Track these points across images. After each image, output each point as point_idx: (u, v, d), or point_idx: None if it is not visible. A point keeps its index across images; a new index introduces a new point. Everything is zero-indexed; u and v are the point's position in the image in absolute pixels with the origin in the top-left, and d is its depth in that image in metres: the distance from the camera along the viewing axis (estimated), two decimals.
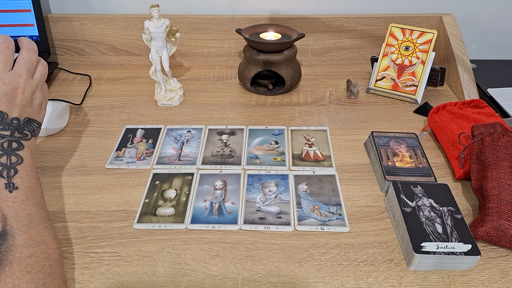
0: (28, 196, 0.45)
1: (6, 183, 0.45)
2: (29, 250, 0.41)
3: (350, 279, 0.47)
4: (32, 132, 0.51)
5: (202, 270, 0.48)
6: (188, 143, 0.70)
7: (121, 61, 0.97)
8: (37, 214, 0.45)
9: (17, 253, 0.40)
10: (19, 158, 0.48)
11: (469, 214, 0.56)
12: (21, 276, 0.38)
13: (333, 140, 0.71)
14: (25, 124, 0.50)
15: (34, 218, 0.44)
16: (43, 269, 0.40)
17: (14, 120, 0.49)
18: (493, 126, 0.59)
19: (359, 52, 0.97)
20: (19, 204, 0.44)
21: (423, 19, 0.94)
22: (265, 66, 0.80)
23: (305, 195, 0.59)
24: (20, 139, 0.49)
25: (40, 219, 0.45)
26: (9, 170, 0.46)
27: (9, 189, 0.45)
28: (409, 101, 0.82)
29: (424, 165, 0.61)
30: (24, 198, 0.45)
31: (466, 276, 0.48)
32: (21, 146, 0.49)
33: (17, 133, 0.49)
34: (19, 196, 0.45)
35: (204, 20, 0.92)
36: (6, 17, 0.87)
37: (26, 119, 0.51)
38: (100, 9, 0.95)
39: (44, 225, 0.45)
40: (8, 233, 0.41)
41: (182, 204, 0.57)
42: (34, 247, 0.41)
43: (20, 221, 0.43)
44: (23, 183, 0.46)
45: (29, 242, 0.42)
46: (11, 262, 0.39)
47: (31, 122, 0.52)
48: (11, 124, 0.49)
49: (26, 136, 0.50)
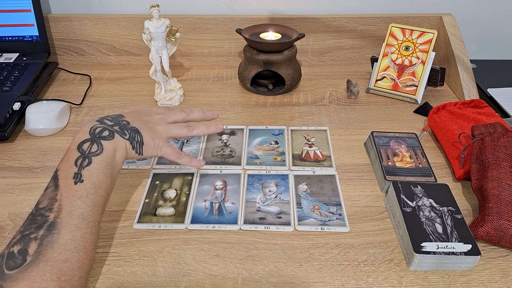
0: (89, 193, 0.43)
1: (75, 172, 0.43)
2: (67, 254, 0.39)
3: (350, 279, 0.47)
4: (131, 138, 0.49)
5: (202, 270, 0.48)
6: (188, 143, 0.70)
7: (121, 61, 0.97)
8: (90, 216, 0.42)
9: (55, 253, 0.38)
10: (100, 148, 0.46)
11: (469, 214, 0.56)
12: (50, 280, 0.36)
13: (333, 140, 0.70)
14: (130, 129, 0.49)
15: (85, 220, 0.41)
16: (72, 279, 0.38)
17: (124, 120, 0.50)
18: (493, 126, 0.59)
19: (359, 52, 0.97)
20: (77, 199, 0.42)
21: (423, 19, 0.94)
22: (265, 66, 0.80)
23: (305, 195, 0.59)
24: (116, 132, 0.48)
25: (90, 222, 0.42)
26: (84, 159, 0.44)
27: (75, 180, 0.43)
28: (409, 101, 0.82)
29: (424, 165, 0.61)
30: (84, 194, 0.42)
31: (466, 276, 0.48)
32: (111, 136, 0.47)
33: (118, 127, 0.48)
34: (80, 190, 0.42)
35: (204, 20, 0.92)
36: (6, 17, 0.87)
37: (134, 128, 0.50)
38: (100, 9, 0.95)
39: (91, 230, 0.42)
40: (56, 227, 0.39)
41: (182, 204, 0.57)
42: (73, 252, 0.39)
43: (71, 219, 0.40)
44: (90, 177, 0.44)
45: (71, 246, 0.39)
46: (47, 261, 0.37)
47: (137, 133, 0.50)
48: (118, 119, 0.49)
49: (124, 135, 0.48)
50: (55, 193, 0.42)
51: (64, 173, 0.43)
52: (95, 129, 0.47)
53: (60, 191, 0.42)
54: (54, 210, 0.40)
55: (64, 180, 0.43)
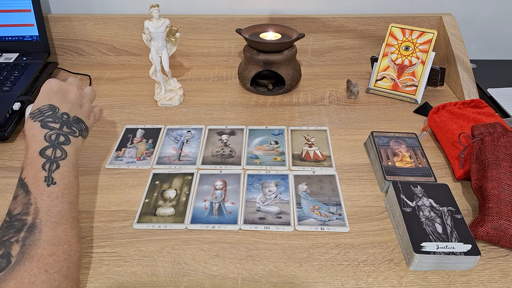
0: (64, 193, 0.46)
1: (46, 176, 0.45)
2: (52, 248, 0.41)
3: (350, 279, 0.47)
4: (80, 131, 0.53)
5: (202, 270, 0.48)
6: (188, 143, 0.70)
7: (121, 61, 0.97)
8: (67, 212, 0.45)
9: (39, 249, 0.40)
10: (64, 153, 0.49)
11: (469, 214, 0.56)
12: (38, 274, 0.38)
13: (333, 140, 0.70)
14: (74, 122, 0.53)
15: (64, 216, 0.44)
16: (61, 270, 0.40)
17: (64, 115, 0.52)
18: (493, 126, 0.59)
19: (359, 52, 0.97)
20: (53, 199, 0.44)
21: (423, 19, 0.94)
22: (265, 66, 0.80)
23: (305, 195, 0.59)
24: (68, 134, 0.51)
25: (69, 218, 0.45)
26: (51, 164, 0.47)
27: (48, 182, 0.45)
28: (409, 101, 0.82)
29: (424, 165, 0.61)
30: (59, 194, 0.45)
31: (466, 276, 0.48)
32: (68, 141, 0.50)
33: (66, 128, 0.51)
34: (55, 191, 0.45)
35: (204, 20, 0.92)
36: (6, 17, 0.87)
37: (75, 117, 0.53)
38: (100, 9, 0.95)
39: (71, 225, 0.44)
40: (37, 227, 0.41)
41: (182, 204, 0.57)
42: (57, 246, 0.41)
43: (50, 217, 0.43)
44: (62, 179, 0.46)
45: (54, 240, 0.41)
46: (32, 257, 0.39)
47: (80, 122, 0.54)
48: (61, 118, 0.51)
49: (74, 133, 0.52)
50: (28, 198, 0.43)
51: (33, 179, 0.45)
52: (50, 136, 0.49)
53: (33, 195, 0.44)
54: (31, 213, 0.42)
55: (35, 185, 0.45)
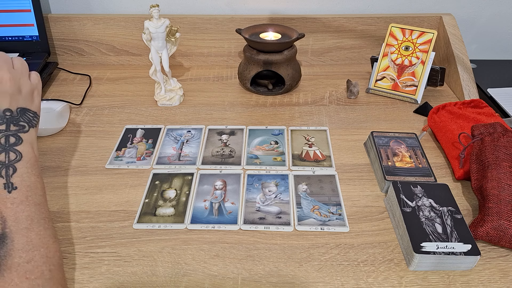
0: (28, 196, 0.43)
1: (4, 183, 0.43)
2: (28, 254, 0.39)
3: (350, 279, 0.47)
4: (28, 122, 0.48)
5: (202, 270, 0.48)
6: (188, 143, 0.70)
7: (121, 61, 0.97)
8: (37, 215, 0.43)
9: (16, 258, 0.39)
10: (18, 154, 0.45)
11: (469, 214, 0.56)
12: (19, 283, 0.37)
13: (333, 140, 0.71)
14: (19, 115, 0.48)
15: (34, 220, 0.42)
16: (43, 274, 0.39)
17: (6, 112, 0.47)
18: (493, 126, 0.59)
19: (359, 52, 0.97)
20: (18, 205, 0.42)
21: (423, 19, 0.94)
22: (265, 66, 0.80)
23: (305, 195, 0.59)
24: (18, 132, 0.47)
25: (40, 220, 0.43)
26: (7, 168, 0.44)
27: (8, 189, 0.43)
28: (409, 101, 0.82)
29: (424, 165, 0.61)
30: (24, 198, 0.43)
31: (466, 276, 0.48)
32: (20, 140, 0.46)
33: (13, 125, 0.47)
34: (18, 196, 0.43)
35: (204, 20, 0.92)
36: (6, 17, 0.87)
37: (19, 109, 0.48)
38: (100, 9, 0.95)
39: (44, 227, 0.43)
40: (7, 236, 0.40)
41: (182, 204, 0.57)
42: (33, 251, 0.40)
43: (20, 224, 0.41)
44: (22, 182, 0.44)
45: (29, 246, 0.40)
46: (10, 268, 0.38)
47: (25, 112, 0.49)
48: (4, 117, 0.46)
49: (24, 128, 0.47)
50: None
51: None
52: None
53: None
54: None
55: None
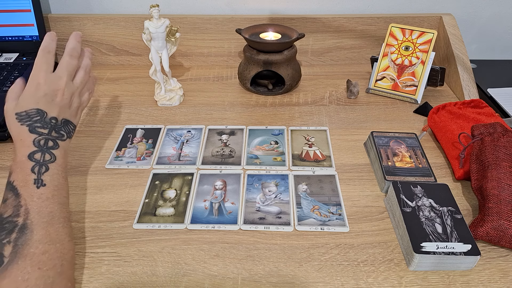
0: (54, 194, 0.46)
1: (35, 178, 0.46)
2: (44, 246, 0.41)
3: (350, 279, 0.47)
4: (68, 133, 0.53)
5: (202, 270, 0.48)
6: (188, 143, 0.70)
7: (121, 61, 0.97)
8: (58, 213, 0.45)
9: (32, 248, 0.40)
10: (53, 156, 0.49)
11: (469, 214, 0.56)
12: (31, 271, 0.39)
13: (333, 140, 0.71)
14: (62, 125, 0.53)
15: (55, 217, 0.45)
16: (55, 267, 0.41)
17: (52, 120, 0.51)
18: (493, 126, 0.59)
19: (359, 52, 0.97)
20: (44, 201, 0.45)
21: (423, 19, 0.94)
22: (265, 66, 0.80)
23: (305, 195, 0.59)
24: (57, 138, 0.51)
25: (60, 218, 0.45)
26: (41, 166, 0.47)
27: (37, 185, 0.46)
28: (409, 101, 0.82)
29: (424, 165, 0.61)
30: (50, 195, 0.46)
31: (466, 276, 0.48)
32: (57, 145, 0.50)
33: (54, 132, 0.51)
34: (45, 193, 0.45)
35: (204, 20, 0.92)
36: (6, 17, 0.87)
37: (63, 120, 0.53)
38: (100, 9, 0.95)
39: (63, 225, 0.45)
40: (28, 227, 0.42)
41: (182, 204, 0.57)
42: (50, 245, 0.42)
43: (41, 218, 0.43)
44: (52, 181, 0.47)
45: (46, 239, 0.42)
46: (25, 256, 0.39)
47: (68, 123, 0.54)
48: (49, 123, 0.51)
49: (62, 137, 0.52)
50: (18, 201, 0.44)
51: (22, 182, 0.45)
52: (39, 141, 0.49)
53: (23, 197, 0.44)
54: (21, 214, 0.43)
55: (25, 188, 0.45)
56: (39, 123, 0.50)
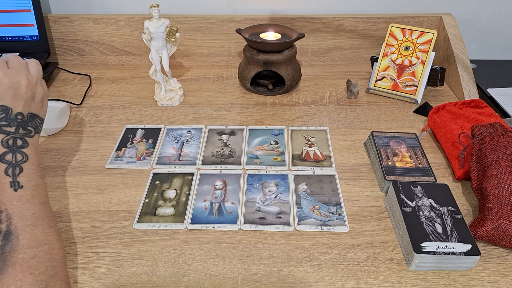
0: (33, 195, 0.45)
1: (11, 181, 0.44)
2: (33, 251, 0.40)
3: (350, 279, 0.47)
4: (35, 128, 0.51)
5: (202, 270, 0.48)
6: (188, 143, 0.70)
7: (121, 61, 0.97)
8: (41, 213, 0.44)
9: (20, 254, 0.39)
10: (24, 156, 0.47)
11: (469, 214, 0.56)
12: (24, 278, 0.38)
13: (333, 140, 0.70)
14: (28, 120, 0.50)
15: (39, 218, 0.43)
16: (46, 270, 0.40)
17: (18, 116, 0.49)
18: (493, 126, 0.59)
19: (359, 52, 0.97)
20: (24, 203, 0.44)
21: (423, 19, 0.94)
22: (265, 66, 0.80)
23: (305, 195, 0.59)
24: (25, 135, 0.49)
25: (44, 218, 0.44)
26: (14, 168, 0.45)
27: (14, 187, 0.44)
28: (409, 101, 0.82)
29: (424, 165, 0.61)
30: (29, 197, 0.44)
31: (466, 276, 0.48)
32: (26, 143, 0.48)
33: (22, 129, 0.49)
34: (24, 195, 0.44)
35: (204, 20, 0.92)
36: (6, 17, 0.87)
37: (29, 115, 0.50)
38: (100, 9, 0.95)
39: (48, 225, 0.44)
40: (13, 233, 0.41)
41: (182, 204, 0.57)
42: (38, 248, 0.41)
43: (25, 221, 0.42)
44: (29, 181, 0.45)
45: (33, 243, 0.41)
46: (15, 264, 0.39)
47: (35, 117, 0.51)
48: (15, 120, 0.48)
49: (30, 133, 0.50)
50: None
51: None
52: (7, 141, 0.47)
53: (2, 202, 0.43)
54: (3, 220, 0.42)
55: (2, 192, 0.44)
56: (4, 121, 0.47)
